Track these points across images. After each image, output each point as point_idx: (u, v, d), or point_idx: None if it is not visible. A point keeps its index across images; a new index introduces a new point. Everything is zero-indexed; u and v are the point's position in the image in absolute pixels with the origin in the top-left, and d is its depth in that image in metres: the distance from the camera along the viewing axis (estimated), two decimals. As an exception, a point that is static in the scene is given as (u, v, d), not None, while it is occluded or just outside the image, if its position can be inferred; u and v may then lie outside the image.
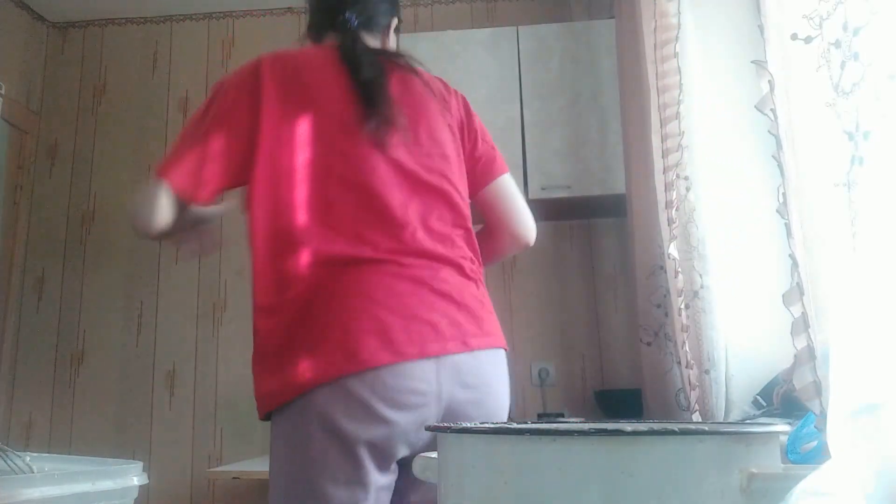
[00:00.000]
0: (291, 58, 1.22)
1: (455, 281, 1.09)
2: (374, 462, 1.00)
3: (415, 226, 1.08)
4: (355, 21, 1.27)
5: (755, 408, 1.49)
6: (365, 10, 1.30)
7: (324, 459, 0.99)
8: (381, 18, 1.34)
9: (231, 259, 2.85)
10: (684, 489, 0.49)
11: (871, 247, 0.71)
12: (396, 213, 1.08)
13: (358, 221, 1.08)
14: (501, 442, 0.54)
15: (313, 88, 1.16)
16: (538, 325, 2.64)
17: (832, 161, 0.76)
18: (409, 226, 1.08)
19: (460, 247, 1.14)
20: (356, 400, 0.98)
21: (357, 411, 0.98)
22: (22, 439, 2.72)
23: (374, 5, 1.33)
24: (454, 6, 2.98)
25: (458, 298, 1.08)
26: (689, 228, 1.64)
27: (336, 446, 0.99)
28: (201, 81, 3.03)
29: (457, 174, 1.18)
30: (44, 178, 2.99)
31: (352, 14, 1.27)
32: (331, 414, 0.98)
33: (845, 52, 0.76)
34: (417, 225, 1.09)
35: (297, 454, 1.02)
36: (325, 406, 0.99)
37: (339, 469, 0.99)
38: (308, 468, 1.00)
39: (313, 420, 1.00)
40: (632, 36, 2.00)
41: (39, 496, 0.97)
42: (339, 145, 1.11)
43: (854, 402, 0.63)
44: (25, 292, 2.89)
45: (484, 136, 1.29)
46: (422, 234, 1.09)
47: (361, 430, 0.98)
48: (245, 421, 2.68)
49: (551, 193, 2.36)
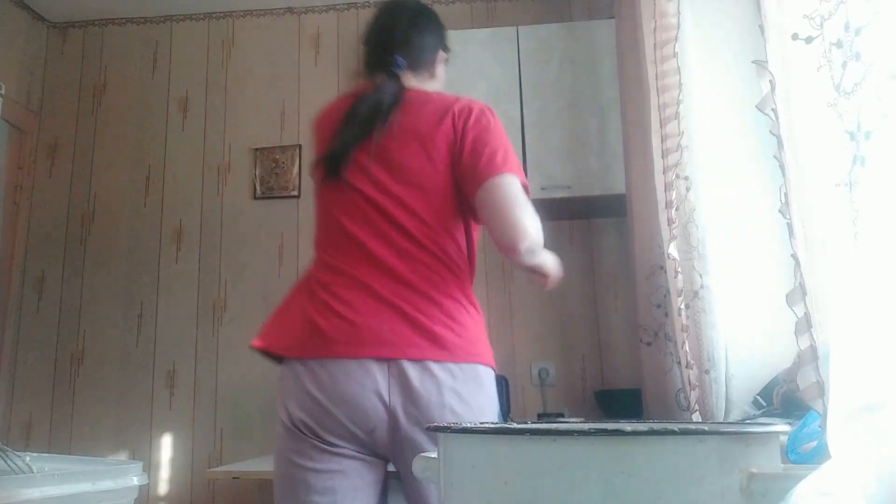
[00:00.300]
0: (327, 110, 1.44)
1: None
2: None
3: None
4: (403, 63, 1.37)
5: (755, 408, 1.49)
6: (412, 51, 1.39)
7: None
8: (427, 55, 1.44)
9: (231, 259, 2.85)
10: (684, 489, 0.49)
11: (871, 247, 0.71)
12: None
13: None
14: (501, 442, 0.54)
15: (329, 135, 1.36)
16: (538, 325, 2.64)
17: (834, 161, 0.76)
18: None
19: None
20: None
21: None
22: (22, 439, 2.72)
23: (420, 44, 1.42)
24: (454, 6, 2.98)
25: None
26: (689, 228, 1.64)
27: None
28: (201, 81, 3.03)
29: (419, 198, 1.25)
30: (44, 178, 2.99)
31: (399, 55, 1.37)
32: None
33: (847, 52, 0.76)
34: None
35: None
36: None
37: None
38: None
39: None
40: (632, 36, 2.00)
41: (39, 496, 0.97)
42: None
43: (854, 402, 0.63)
44: (25, 292, 2.89)
45: (475, 146, 1.27)
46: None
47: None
48: (245, 421, 2.68)
49: (551, 193, 2.36)
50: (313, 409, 1.17)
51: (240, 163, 2.93)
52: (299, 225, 2.85)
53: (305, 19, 3.05)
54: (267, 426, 2.67)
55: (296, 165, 2.89)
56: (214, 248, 2.86)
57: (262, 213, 2.88)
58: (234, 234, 2.87)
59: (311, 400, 1.18)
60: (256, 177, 2.90)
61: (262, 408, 2.69)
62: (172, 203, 2.93)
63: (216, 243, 2.87)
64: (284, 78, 2.99)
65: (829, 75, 0.78)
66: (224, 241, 2.87)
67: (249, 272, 2.83)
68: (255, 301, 2.80)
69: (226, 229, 2.89)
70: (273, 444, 1.28)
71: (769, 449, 0.53)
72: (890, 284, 0.69)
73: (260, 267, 2.83)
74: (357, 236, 1.24)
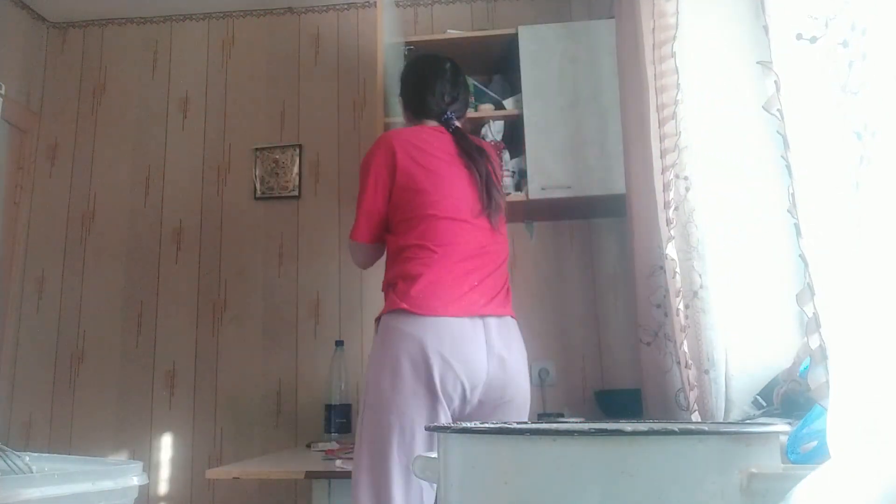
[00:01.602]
0: (412, 138, 1.73)
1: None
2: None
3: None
4: (455, 120, 1.79)
5: (755, 408, 1.49)
6: (459, 111, 1.85)
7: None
8: (462, 113, 1.88)
9: (231, 259, 2.85)
10: (684, 489, 0.49)
11: (876, 247, 0.71)
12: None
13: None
14: (501, 442, 0.55)
15: (440, 161, 1.69)
16: (538, 325, 2.64)
17: (840, 161, 0.75)
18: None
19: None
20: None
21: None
22: (22, 439, 2.72)
23: (463, 104, 1.86)
24: (454, 6, 2.98)
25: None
26: (689, 228, 1.64)
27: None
28: (201, 81, 3.03)
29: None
30: (44, 178, 2.99)
31: (452, 113, 1.80)
32: None
33: (853, 51, 0.75)
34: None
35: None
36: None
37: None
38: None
39: None
40: (631, 36, 2.00)
41: (39, 496, 0.97)
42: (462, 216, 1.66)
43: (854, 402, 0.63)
44: (25, 292, 2.89)
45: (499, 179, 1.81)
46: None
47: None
48: (245, 421, 2.69)
49: (551, 193, 2.36)
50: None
51: (240, 163, 2.93)
52: (299, 225, 2.85)
53: (305, 19, 3.05)
54: (267, 426, 2.67)
55: (296, 165, 2.89)
56: (214, 248, 2.86)
57: (262, 213, 2.88)
58: (234, 234, 2.87)
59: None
60: (256, 177, 2.90)
61: (262, 408, 2.69)
62: (172, 203, 2.93)
63: (216, 243, 2.87)
64: (284, 78, 2.99)
65: (835, 75, 0.77)
66: (224, 241, 2.87)
67: (249, 272, 2.83)
68: (255, 301, 2.80)
69: (226, 229, 2.89)
70: (273, 443, 1.30)
71: (769, 449, 0.53)
72: (891, 285, 0.69)
73: (260, 267, 2.83)
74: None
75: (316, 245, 2.83)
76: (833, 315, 0.75)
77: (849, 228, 0.74)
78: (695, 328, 1.60)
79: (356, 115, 2.93)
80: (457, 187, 1.66)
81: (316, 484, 1.80)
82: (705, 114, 1.63)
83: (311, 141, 2.92)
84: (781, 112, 0.86)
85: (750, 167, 1.53)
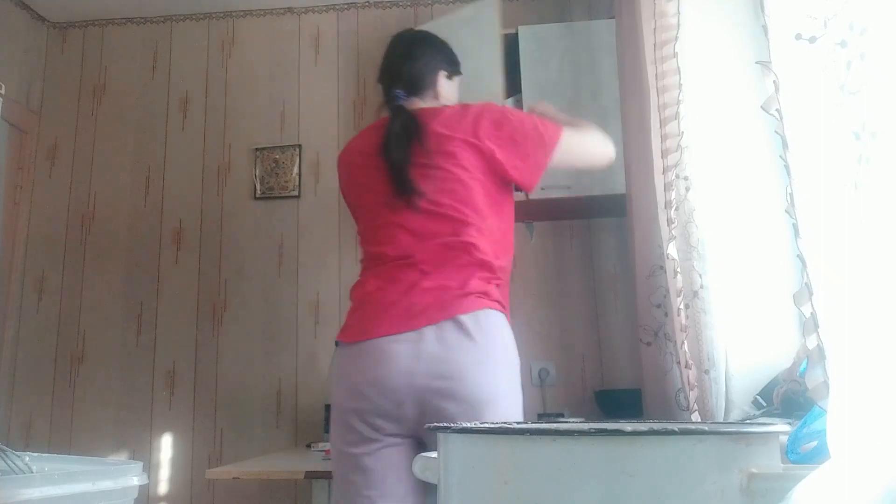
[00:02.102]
0: (349, 147, 1.59)
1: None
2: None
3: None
4: (403, 95, 1.53)
5: (755, 408, 1.49)
6: (408, 82, 1.55)
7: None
8: (426, 79, 1.58)
9: (231, 259, 2.85)
10: (684, 489, 0.49)
11: (874, 247, 0.71)
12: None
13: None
14: (501, 442, 0.55)
15: (360, 166, 1.52)
16: (538, 325, 2.64)
17: (839, 161, 0.75)
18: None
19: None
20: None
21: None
22: (22, 439, 2.72)
23: (415, 73, 1.56)
24: (454, 6, 2.98)
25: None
26: (689, 228, 1.64)
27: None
28: (201, 81, 3.03)
29: (465, 198, 1.41)
30: (44, 178, 2.99)
31: (399, 89, 1.53)
32: None
33: (851, 51, 0.75)
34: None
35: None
36: None
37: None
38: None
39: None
40: (632, 36, 2.00)
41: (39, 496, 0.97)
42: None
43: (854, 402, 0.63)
44: (25, 292, 2.89)
45: (500, 138, 1.45)
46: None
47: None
48: (245, 421, 2.69)
49: (551, 193, 2.36)
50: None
51: (240, 163, 2.93)
52: (299, 225, 2.85)
53: (305, 19, 3.05)
54: (267, 426, 2.67)
55: (296, 165, 2.89)
56: (214, 248, 2.87)
57: (262, 213, 2.88)
58: (234, 234, 2.87)
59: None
60: (256, 177, 2.90)
61: (262, 408, 2.69)
62: (172, 203, 2.93)
63: (216, 243, 2.87)
64: (284, 78, 2.99)
65: (834, 75, 0.77)
66: (224, 241, 2.87)
67: (249, 272, 2.83)
68: (255, 301, 2.80)
69: (226, 229, 2.89)
70: (273, 443, 1.30)
71: (769, 449, 0.53)
72: (891, 284, 0.69)
73: (260, 267, 2.83)
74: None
75: (316, 245, 2.83)
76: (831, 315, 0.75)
77: (847, 228, 0.74)
78: (695, 328, 1.60)
79: (356, 115, 2.93)
80: (370, 189, 1.49)
81: (316, 484, 1.81)
82: (706, 114, 1.63)
83: (311, 141, 2.92)
84: (780, 112, 0.86)
85: (751, 167, 1.53)
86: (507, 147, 1.43)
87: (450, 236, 1.38)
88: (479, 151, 1.42)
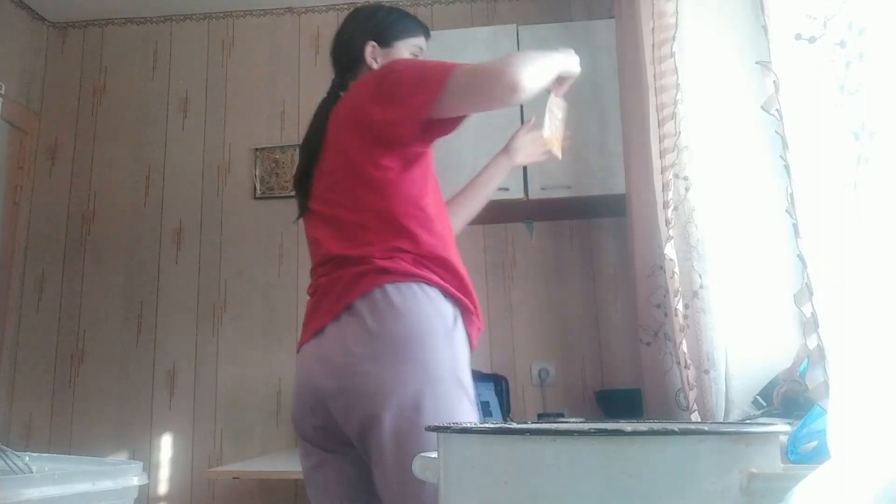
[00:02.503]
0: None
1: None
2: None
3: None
4: (338, 82, 1.46)
5: (755, 408, 1.49)
6: (340, 62, 1.47)
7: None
8: (350, 55, 1.46)
9: (231, 259, 2.85)
10: (684, 489, 0.49)
11: (874, 247, 0.71)
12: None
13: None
14: (501, 442, 0.55)
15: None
16: (538, 325, 2.64)
17: (838, 161, 0.75)
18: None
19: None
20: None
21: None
22: (22, 439, 2.72)
23: (339, 50, 1.48)
24: (454, 6, 2.98)
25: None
26: (689, 228, 1.64)
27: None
28: (201, 81, 3.03)
29: (346, 191, 1.32)
30: (44, 178, 2.99)
31: (335, 74, 1.48)
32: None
33: (850, 51, 0.76)
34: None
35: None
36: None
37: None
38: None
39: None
40: (631, 36, 2.00)
41: (39, 496, 0.97)
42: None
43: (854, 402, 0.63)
44: (25, 292, 2.89)
45: (380, 94, 1.26)
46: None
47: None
48: (245, 421, 2.69)
49: (551, 193, 2.36)
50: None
51: (240, 163, 2.93)
52: (299, 225, 2.85)
53: (305, 19, 3.05)
54: (267, 426, 2.67)
55: (296, 165, 2.88)
56: (214, 248, 2.86)
57: (262, 213, 2.88)
58: (234, 234, 2.87)
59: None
60: (256, 177, 2.90)
61: (262, 408, 2.69)
62: (172, 203, 2.93)
63: (216, 243, 2.87)
64: (284, 78, 2.99)
65: (833, 75, 0.77)
66: (224, 241, 2.87)
67: (249, 272, 2.83)
68: (255, 301, 2.80)
69: (226, 229, 2.89)
70: (273, 443, 1.30)
71: (769, 449, 0.53)
72: (891, 284, 0.69)
73: (260, 267, 2.83)
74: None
75: (316, 245, 2.82)
76: (831, 315, 0.75)
77: (847, 228, 0.74)
78: (695, 328, 1.60)
79: (356, 115, 2.92)
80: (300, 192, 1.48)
81: (316, 484, 1.80)
82: (705, 114, 1.63)
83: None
84: (780, 112, 0.86)
85: (750, 167, 1.53)
86: (384, 102, 1.26)
87: (346, 227, 1.31)
88: (358, 122, 1.30)
